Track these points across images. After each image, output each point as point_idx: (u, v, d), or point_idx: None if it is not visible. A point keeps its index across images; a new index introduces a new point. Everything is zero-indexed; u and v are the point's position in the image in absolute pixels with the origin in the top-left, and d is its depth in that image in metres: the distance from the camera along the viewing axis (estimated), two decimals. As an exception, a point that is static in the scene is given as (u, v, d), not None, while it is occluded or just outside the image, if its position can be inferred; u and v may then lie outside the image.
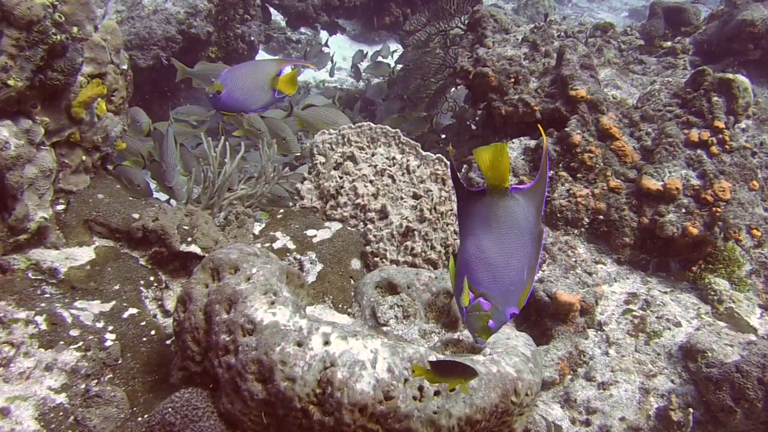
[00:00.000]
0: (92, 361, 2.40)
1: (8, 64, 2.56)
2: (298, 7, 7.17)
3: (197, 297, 2.14)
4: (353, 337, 1.95)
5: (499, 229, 1.83)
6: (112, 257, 2.90)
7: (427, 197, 3.19)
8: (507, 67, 4.46)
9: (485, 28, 5.13)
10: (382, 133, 3.40)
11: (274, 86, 3.02)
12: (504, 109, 4.35)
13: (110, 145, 3.17)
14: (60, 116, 2.86)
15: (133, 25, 5.91)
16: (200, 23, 6.00)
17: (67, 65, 2.71)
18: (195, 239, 2.90)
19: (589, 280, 3.31)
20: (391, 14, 7.53)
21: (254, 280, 2.08)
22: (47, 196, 2.84)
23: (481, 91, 4.59)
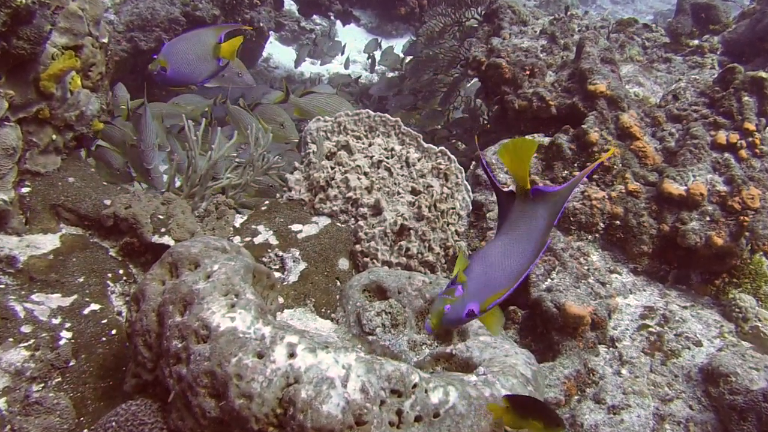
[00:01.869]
0: (40, 362, 2.14)
1: (-34, 28, 2.31)
2: (310, -7, 6.93)
3: (151, 295, 1.87)
4: (323, 349, 1.67)
5: (509, 230, 1.71)
6: (78, 247, 2.65)
7: (426, 193, 2.92)
8: (522, 59, 4.18)
9: (502, 19, 4.85)
10: (381, 121, 3.13)
11: (217, 55, 2.86)
12: (517, 103, 4.07)
13: (85, 124, 2.92)
14: (27, 90, 2.61)
15: (136, 5, 5.67)
16: (206, 5, 5.75)
17: (33, 33, 2.45)
18: (169, 230, 2.64)
19: (603, 291, 3.02)
20: (406, 4, 7.24)
21: (214, 278, 1.81)
22: (9, 177, 2.59)
23: (494, 84, 4.31)
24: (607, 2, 16.18)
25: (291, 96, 3.79)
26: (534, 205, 1.70)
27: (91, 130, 2.98)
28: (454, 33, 5.96)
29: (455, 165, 3.17)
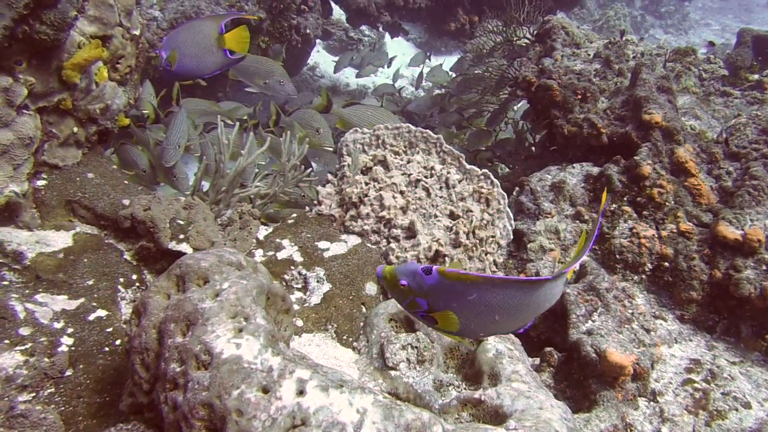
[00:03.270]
0: (33, 369, 1.97)
1: (-13, 8, 2.16)
2: (360, 3, 6.76)
3: (153, 310, 1.70)
4: (337, 388, 1.48)
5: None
6: (91, 247, 2.49)
7: (465, 218, 2.72)
8: (574, 82, 3.98)
9: (555, 40, 4.66)
10: (422, 138, 2.94)
11: (223, 46, 2.72)
12: (567, 128, 3.86)
13: (110, 118, 2.77)
14: (49, 78, 2.46)
15: (182, 3, 5.56)
16: (252, 8, 5.62)
17: (58, 18, 2.31)
18: (188, 237, 2.47)
19: (647, 339, 2.80)
20: (457, 20, 7.08)
21: (223, 297, 1.63)
22: (24, 168, 2.44)
23: (543, 106, 4.11)
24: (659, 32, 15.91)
25: (334, 106, 3.61)
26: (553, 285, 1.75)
27: (116, 125, 2.83)
28: (504, 51, 5.77)
29: (498, 190, 2.97)
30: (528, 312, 1.71)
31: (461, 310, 1.66)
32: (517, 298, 1.66)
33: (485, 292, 1.63)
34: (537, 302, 1.71)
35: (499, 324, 1.70)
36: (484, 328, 1.73)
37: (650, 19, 15.99)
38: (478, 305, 1.65)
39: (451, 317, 1.67)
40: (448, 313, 1.67)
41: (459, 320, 1.68)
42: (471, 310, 1.66)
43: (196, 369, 1.51)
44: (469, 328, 1.71)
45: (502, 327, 1.73)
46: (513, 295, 1.66)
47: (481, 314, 1.66)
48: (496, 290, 1.64)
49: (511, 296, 1.65)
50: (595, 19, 11.61)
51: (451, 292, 1.64)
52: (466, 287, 1.63)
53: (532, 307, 1.71)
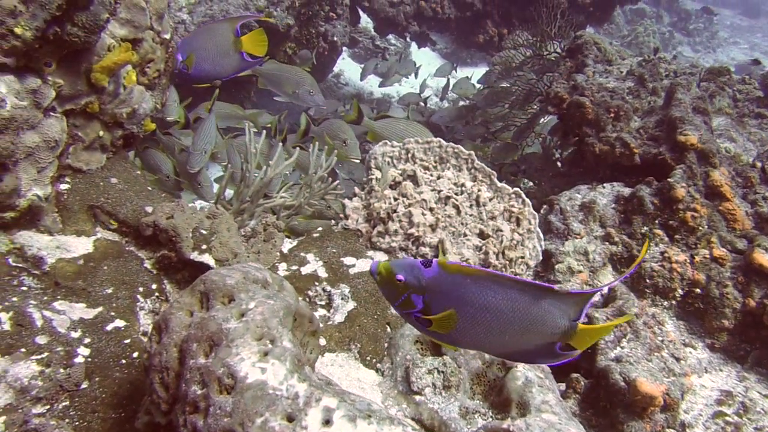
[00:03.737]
0: (48, 380, 1.92)
1: (18, 8, 2.12)
2: (388, 12, 6.70)
3: (175, 327, 1.63)
4: (365, 419, 1.41)
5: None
6: (112, 254, 2.44)
7: (495, 238, 2.66)
8: (608, 100, 3.90)
9: (586, 55, 4.58)
10: (453, 153, 2.88)
11: (240, 49, 2.69)
12: (598, 147, 3.79)
13: (136, 123, 2.72)
14: (77, 80, 2.42)
15: (210, 7, 5.52)
16: (280, 14, 5.58)
17: (90, 20, 2.26)
18: (211, 248, 2.42)
19: (677, 368, 2.72)
20: (486, 33, 7.01)
21: (249, 318, 1.56)
22: (48, 171, 2.40)
23: (574, 123, 4.03)
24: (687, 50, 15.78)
25: (365, 118, 3.54)
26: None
27: (142, 129, 2.78)
28: (533, 65, 5.70)
29: (529, 209, 2.90)
30: (527, 325, 1.58)
31: (458, 309, 1.57)
32: (518, 303, 1.56)
33: (485, 289, 1.55)
34: (539, 315, 1.59)
35: (496, 333, 1.59)
36: (480, 336, 1.61)
37: (678, 36, 15.87)
38: (477, 304, 1.55)
39: (447, 317, 1.58)
40: (442, 315, 1.58)
41: (454, 323, 1.59)
42: (468, 310, 1.56)
43: (219, 393, 1.45)
44: (463, 334, 1.61)
45: (498, 338, 1.61)
46: (515, 298, 1.56)
47: (478, 317, 1.57)
48: (497, 288, 1.55)
49: (512, 299, 1.56)
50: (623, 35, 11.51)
51: (449, 286, 1.56)
52: (466, 282, 1.55)
53: (533, 321, 1.59)
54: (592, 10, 7.04)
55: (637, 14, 14.05)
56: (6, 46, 2.14)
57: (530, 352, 1.65)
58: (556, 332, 1.60)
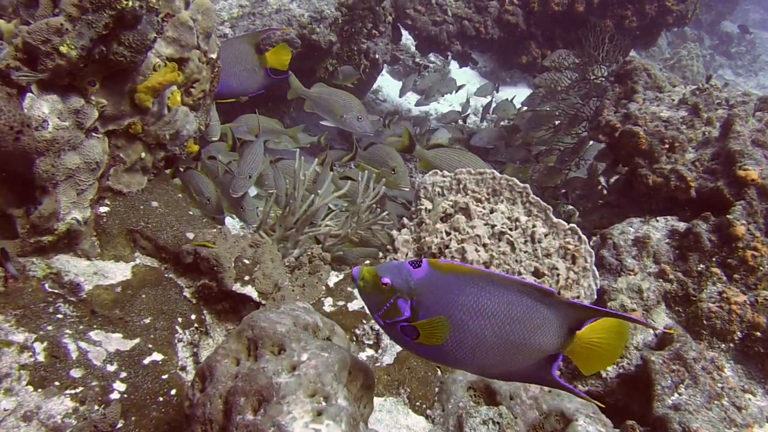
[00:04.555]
0: (83, 419, 1.82)
1: (65, 26, 2.04)
2: (431, 30, 6.61)
3: (221, 377, 1.52)
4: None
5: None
6: (151, 281, 2.34)
7: (551, 277, 2.53)
8: (662, 130, 3.76)
9: (636, 82, 4.44)
10: (507, 185, 2.76)
11: (264, 65, 2.63)
12: (652, 178, 3.65)
13: (179, 144, 2.63)
14: (121, 101, 2.33)
15: (253, 22, 5.45)
16: (323, 30, 5.49)
17: (136, 40, 2.17)
18: (254, 279, 2.32)
19: (738, 418, 2.57)
20: (529, 53, 6.89)
21: (301, 372, 1.45)
22: (88, 194, 2.31)
23: (625, 153, 3.90)
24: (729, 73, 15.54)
25: (417, 147, 3.41)
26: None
27: (184, 151, 2.69)
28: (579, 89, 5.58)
29: (585, 247, 2.77)
30: (526, 335, 1.43)
31: (450, 315, 1.42)
32: (518, 308, 1.41)
33: (481, 291, 1.41)
34: (538, 323, 1.43)
35: (492, 348, 1.44)
36: (474, 350, 1.44)
37: (720, 59, 15.63)
38: (471, 309, 1.41)
39: (437, 325, 1.43)
40: (433, 321, 1.43)
41: (446, 332, 1.43)
42: (461, 317, 1.42)
43: (268, 454, 1.34)
44: (456, 348, 1.44)
45: (495, 355, 1.45)
46: (514, 301, 1.41)
47: (472, 324, 1.42)
48: (494, 290, 1.41)
49: (511, 302, 1.41)
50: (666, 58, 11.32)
51: (440, 288, 1.42)
52: (460, 283, 1.41)
53: (532, 329, 1.43)
54: (639, 34, 6.90)
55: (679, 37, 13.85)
56: (51, 65, 2.06)
57: (528, 369, 1.49)
58: (555, 343, 1.45)
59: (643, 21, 6.74)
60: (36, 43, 2.04)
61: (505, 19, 6.72)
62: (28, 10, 2.19)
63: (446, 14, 6.69)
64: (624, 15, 6.68)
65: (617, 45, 5.46)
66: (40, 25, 2.04)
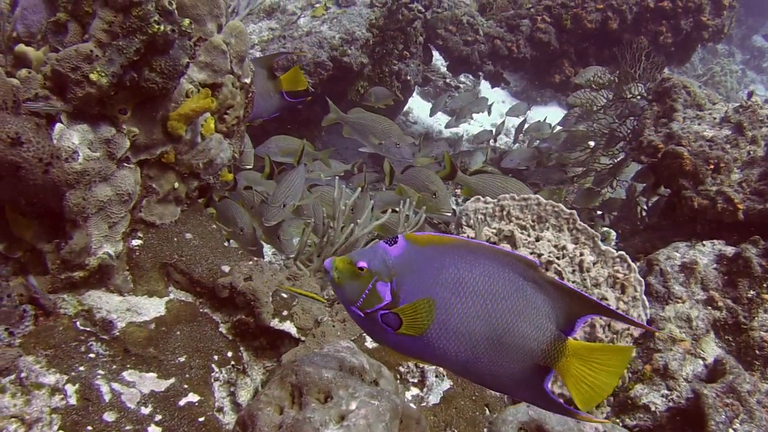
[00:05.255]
0: (117, 468, 1.72)
1: (95, 53, 1.96)
2: (462, 51, 6.50)
3: (263, 427, 1.41)
4: None
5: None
6: (185, 317, 2.25)
7: (601, 308, 2.40)
8: (706, 150, 3.63)
9: (675, 100, 4.31)
10: (553, 212, 2.64)
11: (280, 88, 2.54)
12: (697, 201, 3.51)
13: (213, 173, 2.54)
14: (153, 129, 2.25)
15: (284, 45, 5.39)
16: (355, 52, 5.41)
17: (169, 65, 2.09)
18: (292, 314, 2.22)
19: (798, 455, 2.43)
20: (562, 72, 6.76)
21: (350, 422, 1.33)
22: (120, 227, 2.22)
23: (668, 174, 3.77)
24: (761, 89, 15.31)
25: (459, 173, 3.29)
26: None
27: (218, 180, 2.60)
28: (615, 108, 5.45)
29: (635, 276, 2.64)
30: (512, 319, 1.30)
31: (433, 295, 1.30)
32: (505, 282, 1.30)
33: (465, 263, 1.30)
34: (529, 301, 1.31)
35: (477, 336, 1.30)
36: (458, 337, 1.31)
37: (751, 75, 15.41)
38: (455, 286, 1.30)
39: (420, 309, 1.31)
40: (416, 304, 1.31)
41: (430, 315, 1.30)
42: (444, 295, 1.30)
43: None
44: (440, 335, 1.32)
45: (481, 345, 1.32)
46: (500, 275, 1.30)
47: (456, 303, 1.30)
48: (479, 261, 1.30)
49: (497, 276, 1.30)
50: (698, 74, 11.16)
51: (420, 263, 1.31)
52: (441, 255, 1.30)
53: (523, 308, 1.31)
54: (674, 51, 6.77)
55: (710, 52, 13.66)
56: (80, 93, 1.99)
57: (519, 375, 1.34)
58: (542, 341, 1.32)
59: (678, 37, 6.61)
60: (65, 70, 1.97)
61: (537, 37, 6.61)
62: (57, 37, 2.12)
63: (477, 34, 6.59)
64: (658, 31, 6.55)
65: (655, 63, 5.33)
66: (69, 52, 1.97)
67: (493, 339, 1.31)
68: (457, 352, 1.33)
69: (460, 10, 6.60)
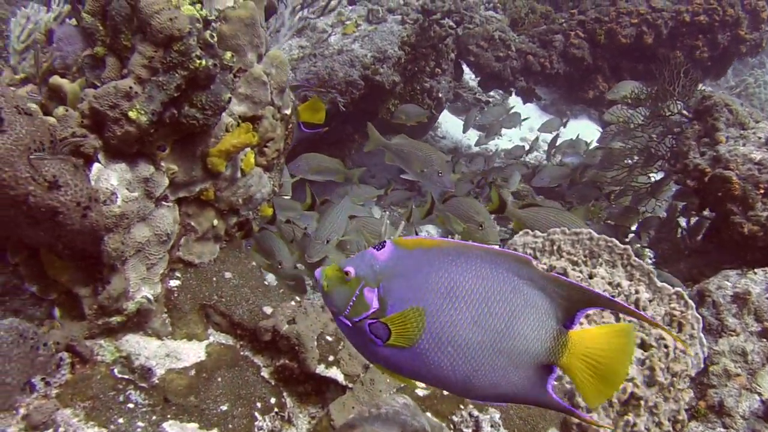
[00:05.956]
0: None
1: (134, 89, 1.87)
2: (494, 67, 6.39)
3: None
4: None
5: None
6: (226, 362, 2.15)
7: (658, 348, 2.28)
8: (755, 174, 3.50)
9: (717, 119, 4.19)
10: (606, 247, 2.51)
11: (298, 119, 2.49)
12: (747, 227, 3.38)
13: (252, 208, 2.45)
14: (192, 166, 2.16)
15: (314, 64, 5.30)
16: (387, 71, 5.32)
17: (210, 101, 2.00)
18: (338, 360, 2.11)
19: None
20: (596, 88, 6.64)
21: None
22: (158, 268, 2.13)
23: (715, 199, 3.64)
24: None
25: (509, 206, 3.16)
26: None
27: (258, 215, 2.51)
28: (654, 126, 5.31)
29: (692, 313, 2.52)
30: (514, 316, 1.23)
31: (422, 301, 1.22)
32: (500, 283, 1.23)
33: (455, 265, 1.23)
34: (527, 300, 1.23)
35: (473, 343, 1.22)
36: (453, 347, 1.23)
37: (782, 86, 15.17)
38: (447, 290, 1.22)
39: (410, 317, 1.22)
40: (405, 313, 1.22)
41: (421, 324, 1.21)
42: (435, 301, 1.22)
43: None
44: (432, 347, 1.23)
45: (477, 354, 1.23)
46: (493, 275, 1.22)
47: (448, 308, 1.22)
48: (470, 262, 1.22)
49: (491, 277, 1.22)
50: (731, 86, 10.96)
51: (408, 267, 1.23)
52: (430, 258, 1.23)
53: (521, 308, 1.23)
54: (710, 65, 6.63)
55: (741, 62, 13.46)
56: (119, 132, 1.90)
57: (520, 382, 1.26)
58: (544, 339, 1.24)
59: (715, 51, 6.46)
60: (103, 108, 1.88)
61: (570, 53, 6.49)
62: (94, 72, 2.03)
63: (510, 49, 6.48)
64: (695, 45, 6.41)
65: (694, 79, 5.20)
66: (108, 89, 1.88)
67: (492, 346, 1.23)
68: (454, 364, 1.25)
69: (492, 25, 6.50)
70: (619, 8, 6.40)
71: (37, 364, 1.89)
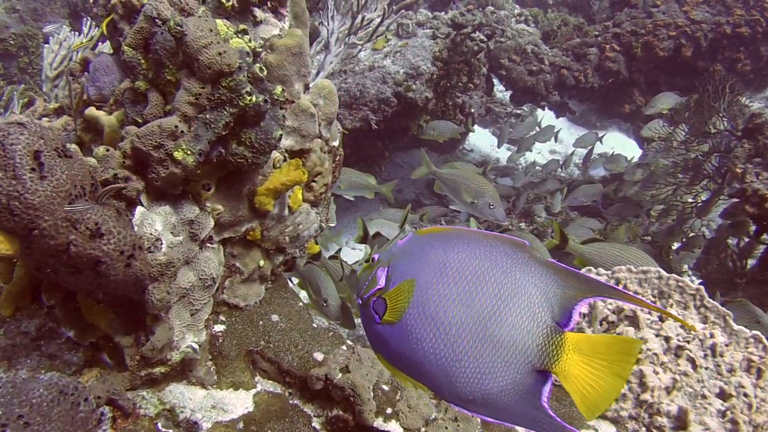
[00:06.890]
0: None
1: (179, 128, 1.74)
2: (527, 81, 6.24)
3: None
4: None
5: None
6: (275, 413, 2.01)
7: (739, 399, 2.12)
8: (817, 200, 3.34)
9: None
10: (677, 287, 2.35)
11: None
12: (811, 255, 3.22)
13: (299, 246, 2.32)
14: (239, 205, 2.03)
15: (345, 80, 5.19)
16: (419, 87, 5.19)
17: (260, 139, 1.87)
18: (397, 412, 1.97)
19: None
20: (632, 102, 6.47)
21: None
22: (203, 314, 2.00)
23: (774, 225, 3.48)
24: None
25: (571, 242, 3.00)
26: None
27: (305, 253, 2.37)
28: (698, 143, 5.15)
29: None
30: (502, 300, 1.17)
31: (416, 276, 1.22)
32: (490, 264, 1.19)
33: (453, 245, 1.22)
34: (519, 286, 1.17)
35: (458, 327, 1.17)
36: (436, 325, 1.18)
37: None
38: (439, 266, 1.22)
39: (402, 291, 1.22)
40: (399, 286, 1.23)
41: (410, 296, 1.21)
42: (427, 275, 1.22)
43: None
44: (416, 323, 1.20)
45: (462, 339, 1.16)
46: (485, 256, 1.19)
47: (437, 283, 1.21)
48: (468, 244, 1.21)
49: (482, 257, 1.20)
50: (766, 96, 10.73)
51: (414, 248, 1.26)
52: (435, 240, 1.25)
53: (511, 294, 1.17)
54: (752, 78, 6.44)
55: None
56: (164, 174, 1.77)
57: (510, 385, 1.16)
58: (536, 333, 1.16)
59: (758, 64, 6.27)
60: (147, 148, 1.75)
61: (606, 66, 6.33)
62: (135, 107, 1.90)
63: (543, 63, 6.33)
64: (736, 58, 6.23)
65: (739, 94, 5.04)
66: (152, 128, 1.75)
67: (476, 330, 1.18)
68: (435, 344, 1.20)
69: (524, 39, 6.36)
70: (656, 21, 6.23)
71: (78, 421, 1.75)
